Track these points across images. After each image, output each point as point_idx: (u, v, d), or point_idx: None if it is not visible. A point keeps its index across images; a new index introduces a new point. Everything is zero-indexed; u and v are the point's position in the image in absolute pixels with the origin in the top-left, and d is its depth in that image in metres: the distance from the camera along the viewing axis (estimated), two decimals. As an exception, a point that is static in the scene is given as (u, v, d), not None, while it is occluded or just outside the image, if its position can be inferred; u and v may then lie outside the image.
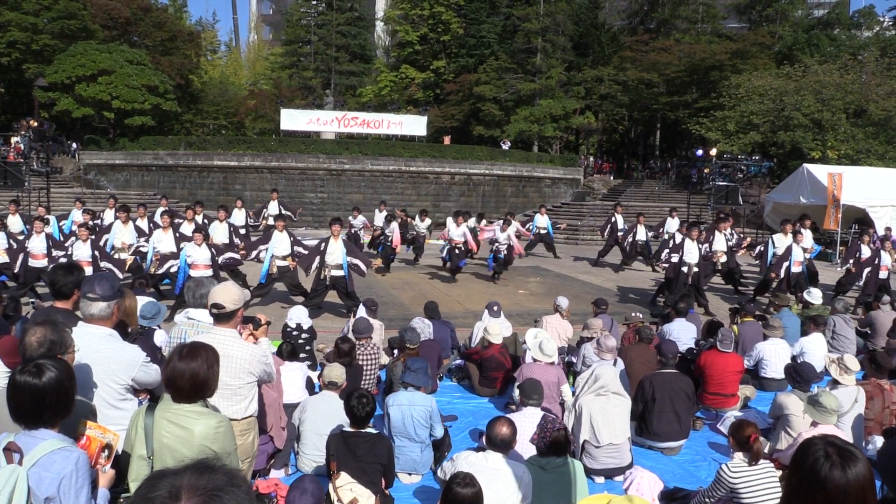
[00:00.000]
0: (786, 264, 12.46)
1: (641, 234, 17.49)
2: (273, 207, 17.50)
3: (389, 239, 16.14)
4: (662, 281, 12.91)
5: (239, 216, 16.51)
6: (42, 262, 11.23)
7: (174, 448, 3.02)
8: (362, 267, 11.32)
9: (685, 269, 11.90)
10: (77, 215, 14.73)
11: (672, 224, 17.59)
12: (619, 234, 17.65)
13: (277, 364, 5.82)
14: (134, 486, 3.07)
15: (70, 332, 3.30)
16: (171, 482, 1.30)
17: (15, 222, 14.21)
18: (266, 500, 4.70)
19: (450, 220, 15.79)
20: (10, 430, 2.65)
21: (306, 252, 11.39)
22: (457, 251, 15.20)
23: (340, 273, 11.03)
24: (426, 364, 5.95)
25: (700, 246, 12.18)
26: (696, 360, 7.11)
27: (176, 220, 13.13)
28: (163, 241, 11.72)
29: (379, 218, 17.66)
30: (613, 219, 17.97)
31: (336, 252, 10.98)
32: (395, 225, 16.25)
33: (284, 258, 11.47)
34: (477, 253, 16.25)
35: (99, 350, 3.49)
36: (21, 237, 12.78)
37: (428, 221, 17.97)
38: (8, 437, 2.58)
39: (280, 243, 11.48)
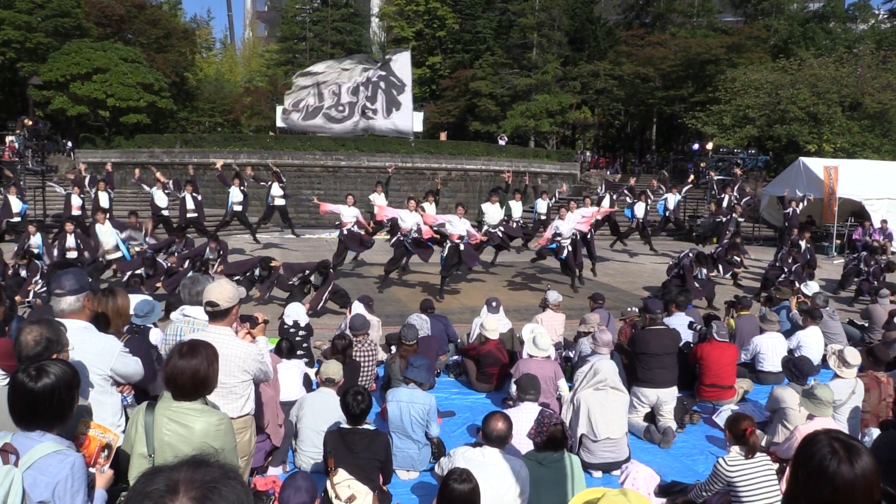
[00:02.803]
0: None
1: (640, 211, 18.12)
2: (276, 189, 17.78)
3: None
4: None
5: (236, 193, 17.37)
6: None
7: (175, 445, 3.02)
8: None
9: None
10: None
11: (672, 200, 18.50)
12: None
13: (275, 362, 5.82)
14: (133, 483, 3.07)
15: (66, 330, 3.30)
16: (168, 476, 1.32)
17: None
18: (264, 498, 4.69)
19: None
20: (8, 430, 2.64)
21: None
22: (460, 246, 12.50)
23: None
24: (428, 361, 5.95)
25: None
26: (693, 352, 7.14)
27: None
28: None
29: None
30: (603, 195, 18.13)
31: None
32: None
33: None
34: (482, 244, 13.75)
35: (74, 345, 3.48)
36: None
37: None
38: (5, 437, 2.56)
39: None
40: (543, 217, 16.86)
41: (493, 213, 14.28)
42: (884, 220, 19.12)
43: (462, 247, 12.50)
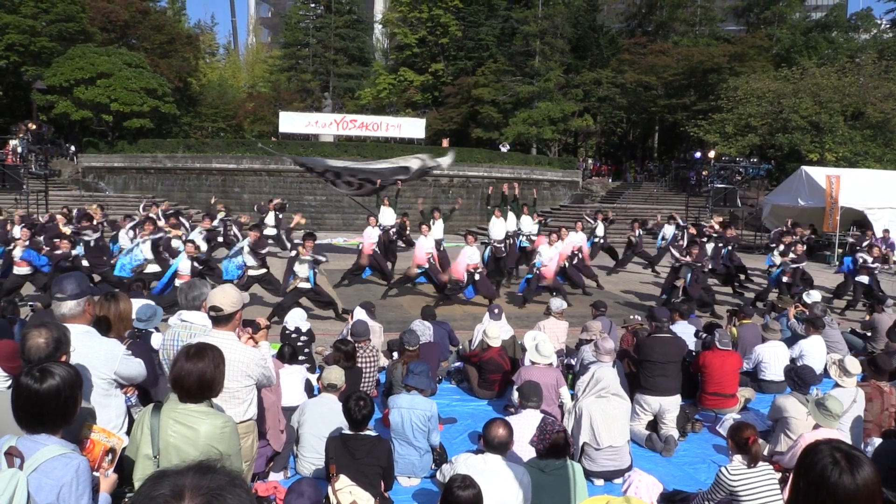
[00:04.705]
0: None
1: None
2: (270, 218, 17.64)
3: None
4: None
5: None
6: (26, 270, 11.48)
7: (180, 447, 3.03)
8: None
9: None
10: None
11: (668, 230, 17.55)
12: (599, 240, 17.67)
13: (277, 367, 5.82)
14: (139, 485, 3.08)
15: (69, 333, 3.31)
16: (174, 481, 1.32)
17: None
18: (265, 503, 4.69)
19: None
20: (12, 433, 2.64)
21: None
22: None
23: (307, 286, 10.80)
24: (428, 367, 5.94)
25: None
26: (695, 360, 7.13)
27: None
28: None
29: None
30: (594, 225, 17.81)
31: (305, 265, 10.79)
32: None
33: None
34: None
35: (76, 348, 3.50)
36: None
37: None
38: (10, 440, 2.57)
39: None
40: (533, 237, 15.30)
41: (497, 227, 13.83)
42: (886, 229, 19.10)
43: (477, 277, 12.50)
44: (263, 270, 11.54)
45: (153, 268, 11.82)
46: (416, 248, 13.15)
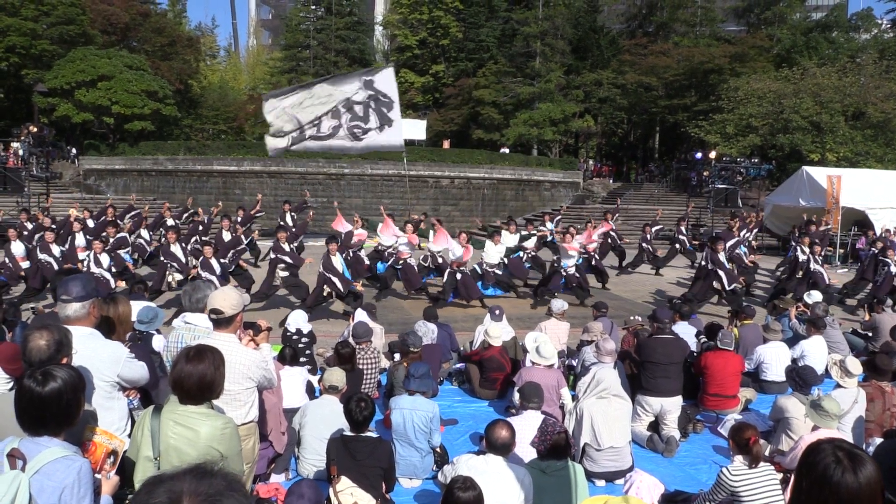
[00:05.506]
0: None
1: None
2: (287, 219, 17.42)
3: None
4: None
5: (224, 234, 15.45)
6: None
7: (180, 449, 3.04)
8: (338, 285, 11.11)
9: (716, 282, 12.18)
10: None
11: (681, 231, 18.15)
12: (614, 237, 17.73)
13: (278, 369, 5.82)
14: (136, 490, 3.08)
15: (71, 335, 3.31)
16: (170, 487, 1.30)
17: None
18: (266, 505, 4.69)
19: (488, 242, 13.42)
20: (14, 435, 2.64)
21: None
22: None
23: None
24: (429, 368, 5.94)
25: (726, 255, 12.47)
26: (697, 361, 7.13)
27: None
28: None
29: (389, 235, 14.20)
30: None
31: (338, 266, 11.17)
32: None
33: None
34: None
35: (80, 350, 3.49)
36: None
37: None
38: (12, 442, 2.57)
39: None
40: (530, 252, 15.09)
41: (493, 252, 13.36)
42: (887, 229, 19.06)
43: (459, 276, 12.44)
44: (289, 273, 11.59)
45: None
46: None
